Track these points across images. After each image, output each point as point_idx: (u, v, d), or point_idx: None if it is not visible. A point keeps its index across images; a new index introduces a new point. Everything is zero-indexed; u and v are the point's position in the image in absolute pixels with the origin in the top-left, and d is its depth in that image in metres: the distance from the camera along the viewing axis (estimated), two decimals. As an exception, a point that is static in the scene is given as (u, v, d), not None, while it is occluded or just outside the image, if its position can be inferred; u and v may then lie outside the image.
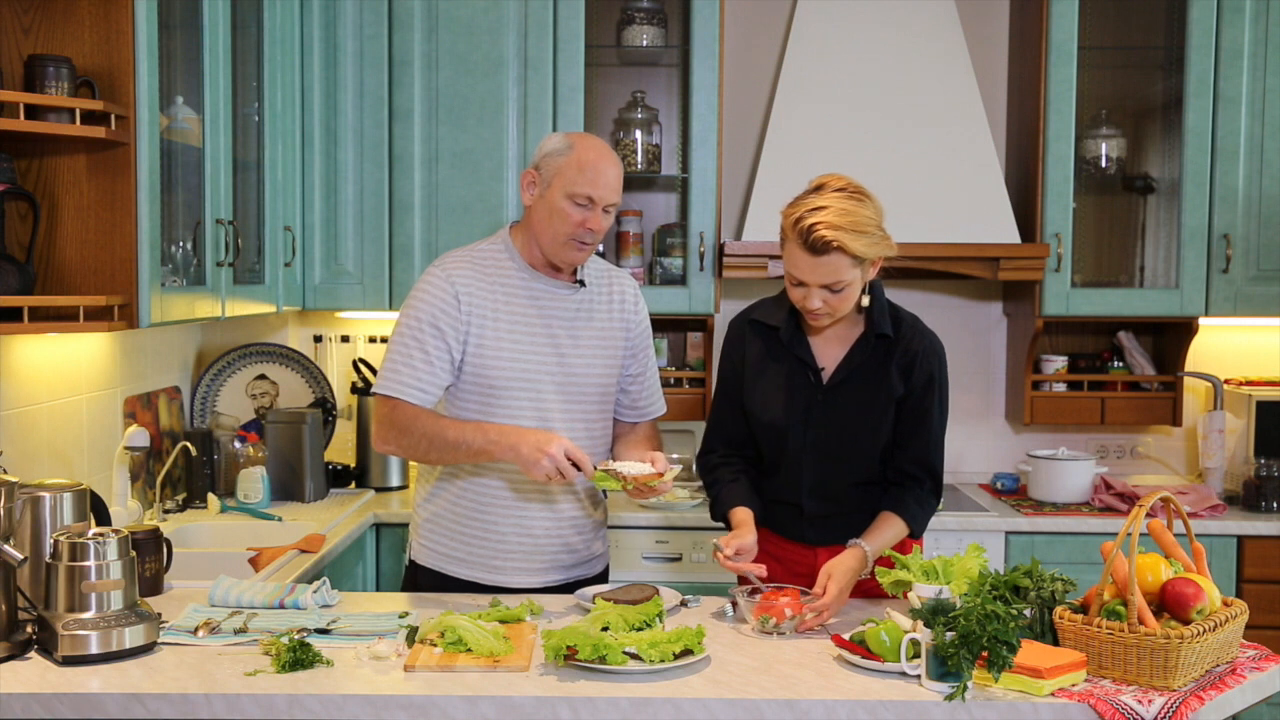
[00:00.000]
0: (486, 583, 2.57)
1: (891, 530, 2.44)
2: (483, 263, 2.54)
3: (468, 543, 2.58)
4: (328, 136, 3.76)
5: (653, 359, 2.73)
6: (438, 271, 2.52)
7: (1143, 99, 4.10)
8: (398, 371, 2.48)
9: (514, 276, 2.54)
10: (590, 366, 2.57)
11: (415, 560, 2.66)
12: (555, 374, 2.52)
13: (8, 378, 2.69)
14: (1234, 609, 2.08)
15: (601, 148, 2.49)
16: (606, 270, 2.68)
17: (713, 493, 2.57)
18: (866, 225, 2.30)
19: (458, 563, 2.59)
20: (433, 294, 2.49)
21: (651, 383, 2.73)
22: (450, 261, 2.55)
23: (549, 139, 2.52)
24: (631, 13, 3.93)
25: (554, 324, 2.53)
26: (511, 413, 2.49)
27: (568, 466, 2.32)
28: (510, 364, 2.49)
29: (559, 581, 2.60)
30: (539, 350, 2.51)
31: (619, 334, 2.62)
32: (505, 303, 2.51)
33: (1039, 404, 3.96)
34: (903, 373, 2.46)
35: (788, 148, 3.81)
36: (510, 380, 2.49)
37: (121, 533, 2.15)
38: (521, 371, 2.49)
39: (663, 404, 2.77)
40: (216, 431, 3.69)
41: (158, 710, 1.91)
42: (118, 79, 2.58)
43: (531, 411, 2.50)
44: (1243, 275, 3.81)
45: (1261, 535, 3.59)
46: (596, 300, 2.60)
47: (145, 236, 2.62)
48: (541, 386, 2.51)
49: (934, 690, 1.93)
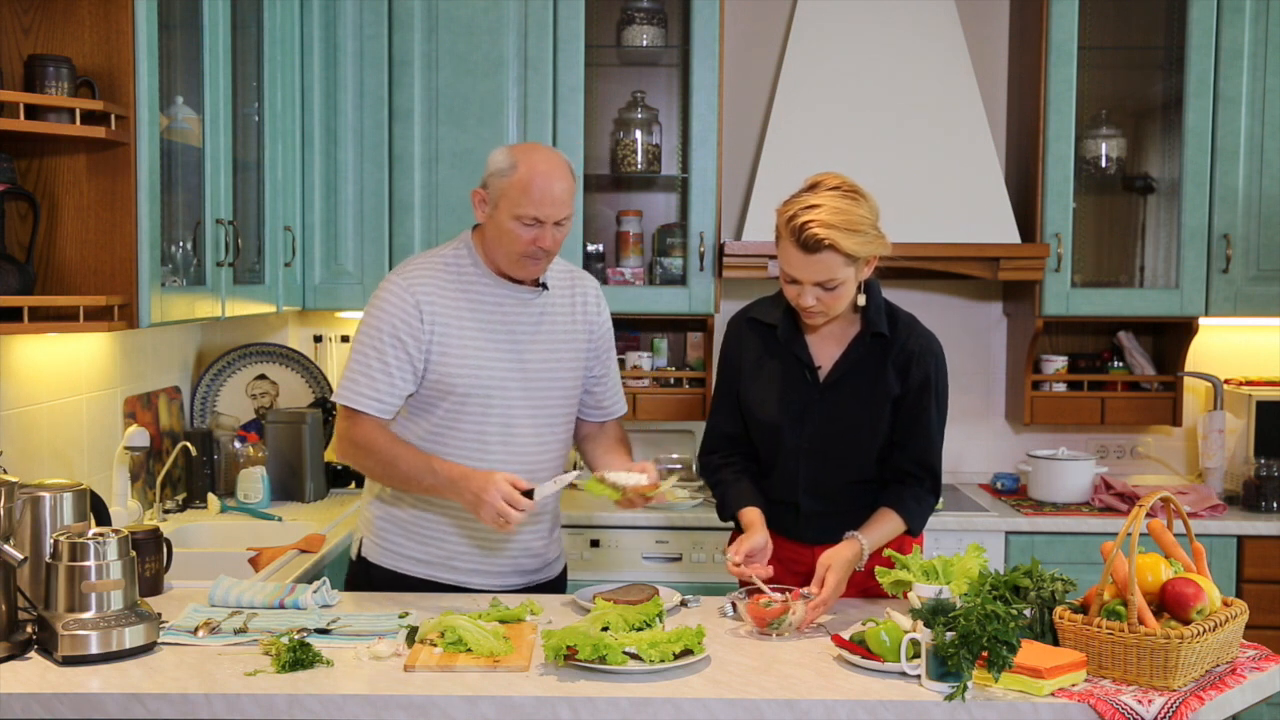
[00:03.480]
0: (444, 582, 2.56)
1: (888, 525, 2.45)
2: (445, 269, 2.51)
3: (424, 542, 2.56)
4: (328, 136, 3.76)
5: (614, 359, 2.72)
6: (399, 280, 2.49)
7: (1143, 99, 4.10)
8: (356, 382, 2.46)
9: (476, 282, 2.51)
10: (554, 371, 2.55)
11: (366, 558, 2.63)
12: (519, 380, 2.50)
13: (8, 378, 2.69)
14: (1234, 609, 2.08)
15: (548, 163, 2.42)
16: (569, 271, 2.65)
17: (718, 493, 2.57)
18: (860, 224, 2.31)
19: (414, 562, 2.57)
20: (393, 304, 2.46)
21: (614, 383, 2.72)
22: (412, 269, 2.51)
23: (495, 156, 2.45)
24: (631, 13, 3.93)
25: (516, 329, 2.51)
26: (475, 420, 2.48)
27: (515, 499, 2.29)
28: (474, 371, 2.47)
29: (518, 586, 2.59)
30: (502, 357, 2.49)
31: (582, 336, 2.61)
32: (468, 309, 2.49)
33: (1039, 404, 3.96)
34: (899, 372, 2.46)
35: (788, 148, 3.81)
36: (473, 387, 2.47)
37: (121, 533, 2.15)
38: (485, 378, 2.47)
39: (624, 403, 2.77)
40: (216, 431, 3.69)
41: (158, 710, 1.91)
42: (118, 79, 2.58)
43: (497, 417, 2.49)
44: (1243, 275, 3.81)
45: (1261, 535, 3.59)
46: (559, 303, 2.58)
47: (145, 236, 2.62)
48: (506, 393, 2.49)
49: (934, 690, 1.93)
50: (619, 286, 3.88)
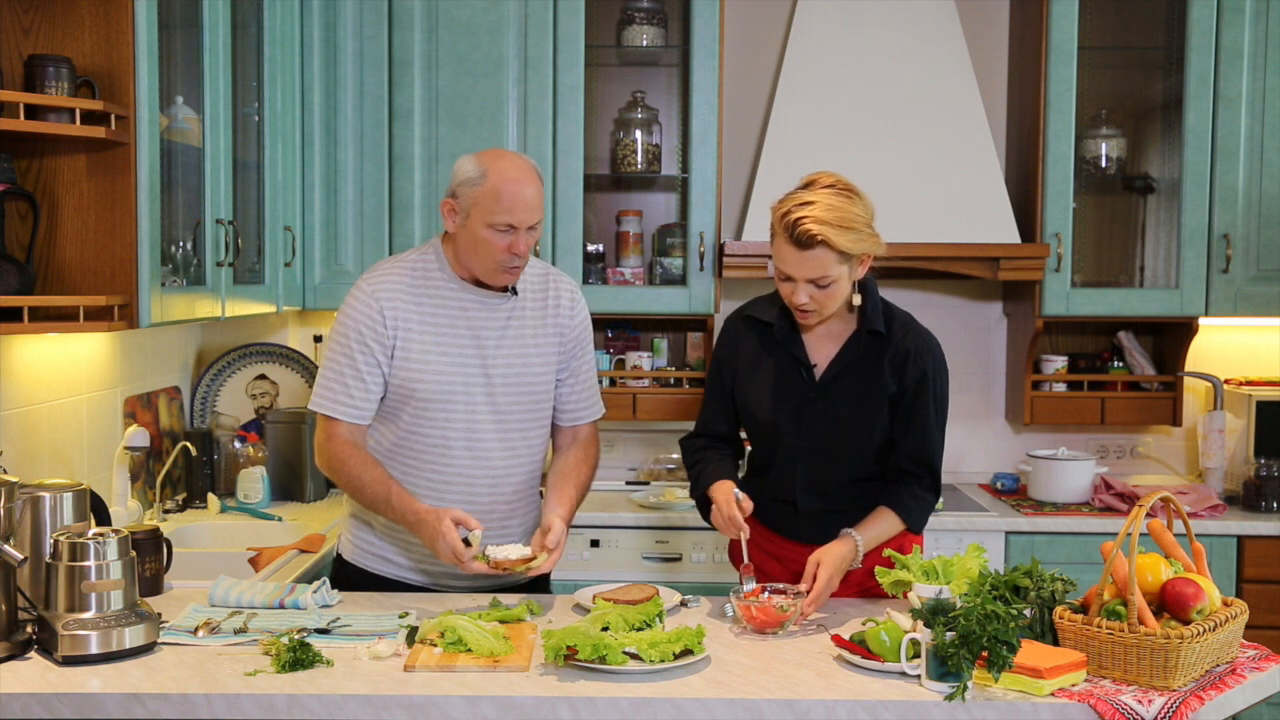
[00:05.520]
0: (417, 584, 2.56)
1: (885, 523, 2.45)
2: (410, 273, 2.50)
3: (398, 545, 2.56)
4: (328, 136, 3.76)
5: (590, 362, 2.67)
6: (365, 286, 2.49)
7: (1143, 99, 4.10)
8: (332, 390, 2.46)
9: (442, 288, 2.50)
10: (521, 376, 2.53)
11: (344, 556, 2.64)
12: (483, 385, 2.49)
13: (8, 378, 2.69)
14: (1234, 609, 2.08)
15: (517, 169, 2.41)
16: (544, 273, 2.62)
17: (695, 471, 2.56)
18: (854, 222, 2.31)
19: (386, 563, 2.58)
20: (359, 309, 2.46)
21: (586, 386, 2.66)
22: (378, 275, 2.51)
23: (462, 164, 2.44)
24: (631, 13, 3.93)
25: (482, 334, 2.49)
26: (439, 426, 2.48)
27: (460, 555, 2.30)
28: (436, 377, 2.46)
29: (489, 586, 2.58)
30: (466, 362, 2.48)
31: (552, 339, 2.58)
32: (432, 315, 2.48)
33: (1039, 404, 3.96)
34: (895, 370, 2.46)
35: (788, 148, 3.81)
36: (435, 393, 2.46)
37: (121, 533, 2.15)
38: (447, 384, 2.46)
39: (599, 408, 2.70)
40: (216, 431, 3.69)
41: (158, 710, 1.91)
42: (118, 79, 2.58)
43: (461, 423, 2.48)
44: (1243, 275, 3.81)
45: (1261, 535, 3.59)
46: (529, 306, 2.56)
47: (145, 236, 2.62)
48: (470, 398, 2.48)
49: (934, 690, 1.93)
50: (619, 286, 3.88)
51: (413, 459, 2.50)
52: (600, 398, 2.73)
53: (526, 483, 2.60)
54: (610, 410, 3.60)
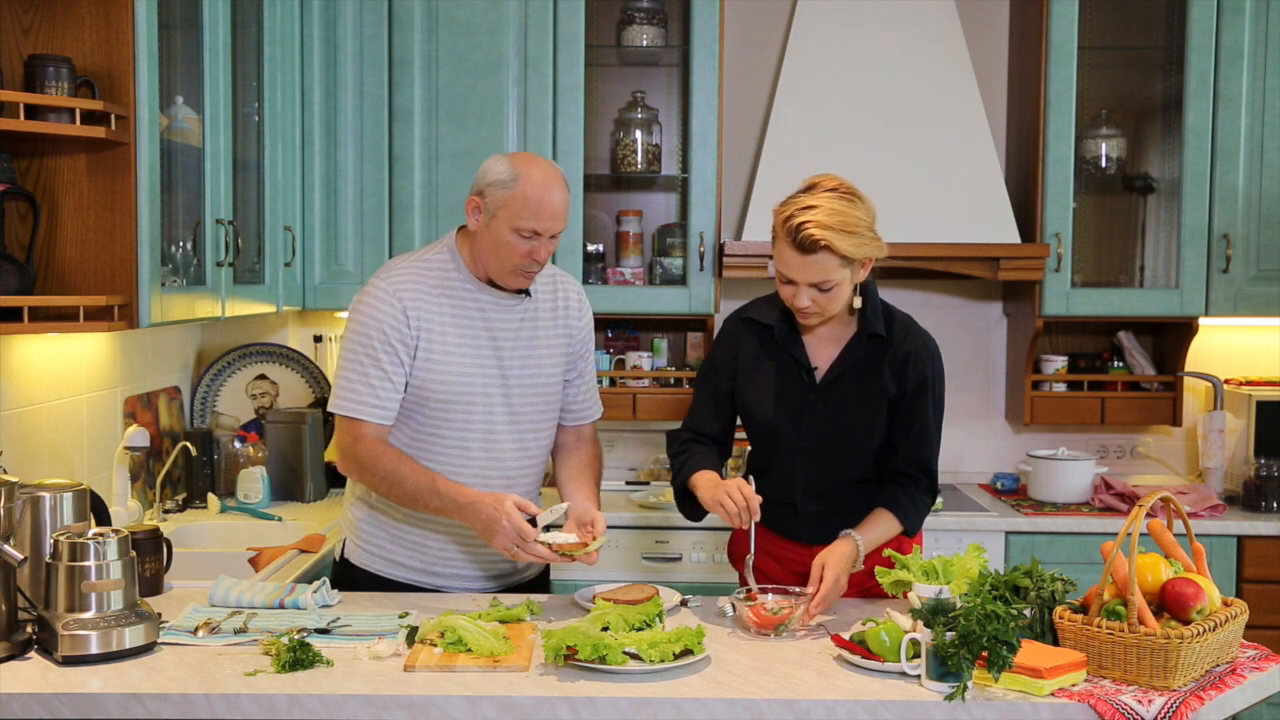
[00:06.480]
0: (427, 586, 2.55)
1: (883, 525, 2.45)
2: (428, 273, 2.48)
3: (408, 547, 2.55)
4: (328, 136, 3.76)
5: (592, 362, 2.69)
6: (384, 285, 2.45)
7: (1143, 99, 4.10)
8: (356, 391, 2.43)
9: (460, 288, 2.48)
10: (535, 377, 2.53)
11: (349, 559, 2.62)
12: (500, 387, 2.48)
13: (8, 378, 2.69)
14: (1234, 609, 2.08)
15: (547, 175, 2.40)
16: (552, 275, 2.62)
17: (677, 462, 2.56)
18: (856, 226, 2.31)
19: (396, 566, 2.56)
20: (381, 309, 2.43)
21: (589, 387, 2.68)
22: (396, 273, 2.48)
23: (493, 165, 2.42)
24: (631, 13, 3.93)
25: (499, 335, 2.49)
26: (457, 427, 2.47)
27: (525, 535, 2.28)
28: (456, 378, 2.45)
29: (495, 588, 2.58)
30: (484, 364, 2.47)
31: (561, 341, 2.58)
32: (452, 316, 2.46)
33: (1039, 404, 3.96)
34: (896, 373, 2.46)
35: (788, 148, 3.81)
36: (455, 394, 2.45)
37: (121, 533, 2.15)
38: (467, 386, 2.45)
39: (599, 408, 2.72)
40: (216, 431, 3.69)
41: (158, 710, 1.91)
42: (118, 79, 2.58)
43: (479, 425, 2.47)
44: (1243, 275, 3.81)
45: (1261, 535, 3.59)
46: (541, 308, 2.56)
47: (145, 236, 2.62)
48: (488, 400, 2.47)
49: (934, 690, 1.93)
50: (619, 286, 3.88)
51: (427, 462, 2.46)
52: (599, 397, 2.74)
53: (535, 483, 2.61)
54: (610, 410, 3.61)
